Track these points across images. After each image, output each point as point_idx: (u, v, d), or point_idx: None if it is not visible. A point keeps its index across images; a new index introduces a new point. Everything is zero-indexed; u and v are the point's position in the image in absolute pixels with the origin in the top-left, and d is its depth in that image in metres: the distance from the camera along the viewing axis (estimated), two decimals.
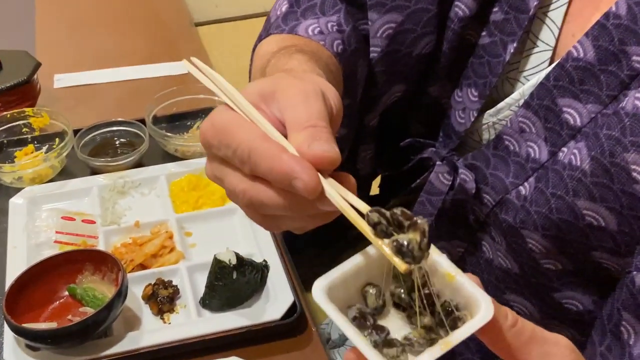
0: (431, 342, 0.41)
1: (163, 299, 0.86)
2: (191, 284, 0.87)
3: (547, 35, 0.71)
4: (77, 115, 1.18)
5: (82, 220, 0.95)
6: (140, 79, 1.33)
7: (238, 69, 2.44)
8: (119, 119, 1.12)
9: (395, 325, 0.44)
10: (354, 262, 0.43)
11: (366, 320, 0.42)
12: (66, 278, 0.85)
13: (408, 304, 0.43)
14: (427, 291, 0.42)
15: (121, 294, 0.80)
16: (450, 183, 0.77)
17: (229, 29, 2.69)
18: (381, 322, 0.43)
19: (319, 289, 0.42)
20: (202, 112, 1.18)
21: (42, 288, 0.84)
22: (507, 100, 0.72)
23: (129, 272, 0.88)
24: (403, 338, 0.42)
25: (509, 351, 0.44)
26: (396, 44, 0.78)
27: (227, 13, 2.73)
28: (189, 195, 1.02)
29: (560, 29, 0.70)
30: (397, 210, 0.42)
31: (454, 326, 0.42)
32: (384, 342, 0.41)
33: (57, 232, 0.93)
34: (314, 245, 1.07)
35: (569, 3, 0.69)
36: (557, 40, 0.70)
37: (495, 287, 0.80)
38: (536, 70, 0.71)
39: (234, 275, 0.83)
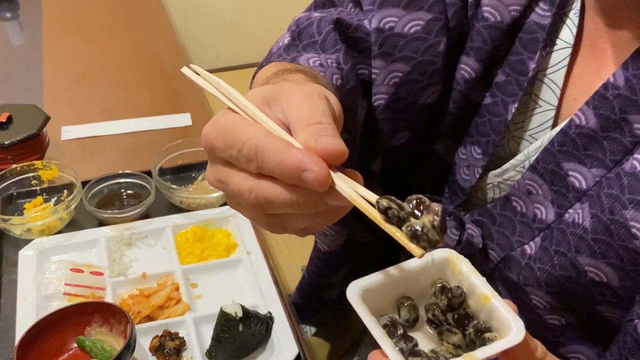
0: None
1: (170, 350, 0.87)
2: (197, 335, 0.89)
3: (549, 96, 0.74)
4: (84, 167, 1.21)
5: (91, 272, 0.98)
6: (146, 130, 1.36)
7: None
8: (126, 171, 1.15)
9: (425, 339, 0.44)
10: (391, 272, 0.44)
11: (396, 329, 0.43)
12: (75, 330, 0.87)
13: (441, 321, 0.44)
14: (462, 312, 0.43)
15: (130, 346, 0.82)
16: (457, 238, 0.80)
17: (229, 78, 2.74)
18: (411, 334, 0.44)
19: (354, 290, 0.43)
20: (207, 165, 1.20)
21: (52, 340, 0.86)
22: (512, 161, 0.75)
23: (137, 324, 0.90)
24: (430, 351, 0.42)
25: None
26: (402, 92, 0.80)
27: (227, 62, 2.80)
28: (195, 246, 1.05)
29: (562, 92, 0.73)
30: (413, 198, 0.42)
31: (482, 345, 0.43)
32: (410, 351, 0.42)
33: (66, 284, 0.95)
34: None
35: (569, 67, 0.73)
36: (561, 102, 0.74)
37: None
38: (541, 128, 0.75)
39: (240, 328, 0.85)
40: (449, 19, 0.78)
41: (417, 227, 0.41)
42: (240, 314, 0.85)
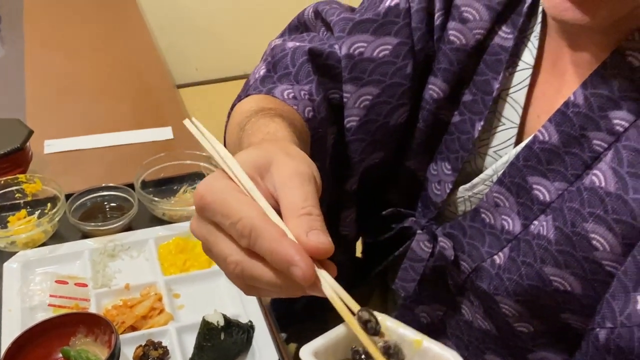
0: None
1: (154, 359, 0.90)
2: (180, 344, 0.92)
3: (512, 114, 0.78)
4: (67, 180, 1.23)
5: (75, 284, 1.00)
6: (128, 144, 1.39)
7: (218, 128, 2.52)
8: (109, 184, 1.18)
9: None
10: (338, 332, 0.47)
11: None
12: (60, 341, 0.89)
13: None
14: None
15: (114, 356, 0.84)
16: (430, 250, 0.83)
17: (208, 91, 2.79)
18: None
19: (307, 352, 0.45)
20: (189, 177, 1.23)
21: (37, 351, 0.87)
22: (482, 176, 0.79)
23: (121, 334, 0.92)
24: None
25: None
26: (373, 114, 0.84)
27: (206, 76, 2.84)
28: (177, 257, 1.07)
29: (527, 110, 0.78)
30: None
31: None
32: None
33: (50, 296, 0.97)
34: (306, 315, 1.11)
35: (531, 86, 0.77)
36: (525, 119, 0.78)
37: (476, 348, 0.85)
38: (504, 145, 0.79)
39: (222, 336, 0.88)
40: (414, 42, 0.82)
41: (391, 345, 0.44)
42: (222, 322, 0.87)
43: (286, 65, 0.83)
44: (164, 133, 1.41)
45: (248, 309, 0.97)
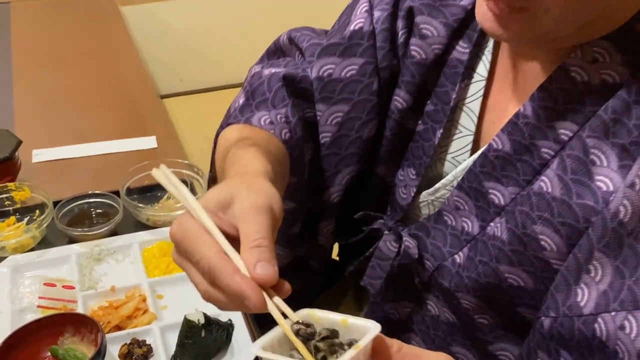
0: None
1: (138, 357, 0.94)
2: (163, 342, 0.96)
3: (468, 123, 0.84)
4: (55, 188, 1.27)
5: (63, 286, 1.04)
6: (113, 153, 1.44)
7: (203, 137, 2.57)
8: (95, 192, 1.23)
9: None
10: (280, 330, 0.55)
11: None
12: (49, 340, 0.93)
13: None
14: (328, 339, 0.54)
15: (100, 353, 0.89)
16: (396, 250, 0.89)
17: (192, 101, 2.84)
18: None
19: (258, 346, 0.54)
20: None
21: (26, 350, 0.92)
22: (443, 181, 0.85)
23: (106, 333, 0.97)
24: None
25: None
26: (345, 129, 0.91)
27: (191, 86, 2.89)
28: (160, 261, 1.12)
29: (482, 118, 0.84)
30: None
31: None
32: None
33: (39, 298, 1.02)
34: None
35: (485, 97, 0.83)
36: (481, 127, 0.84)
37: (442, 341, 0.90)
38: (462, 152, 0.85)
39: (203, 334, 0.93)
40: (379, 61, 0.88)
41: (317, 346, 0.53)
42: (202, 320, 0.93)
43: (263, 92, 0.90)
44: (148, 142, 1.46)
45: None
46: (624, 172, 0.68)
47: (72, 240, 1.16)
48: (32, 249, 1.14)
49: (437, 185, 0.86)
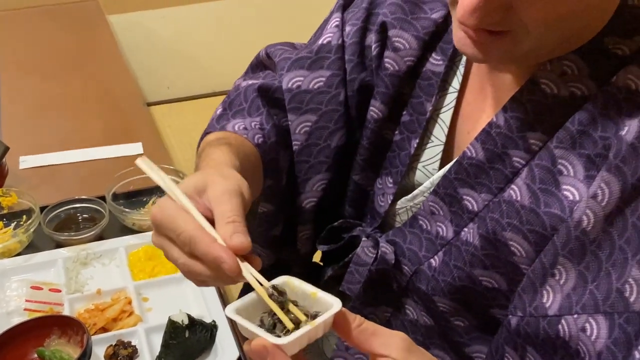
0: None
1: (123, 358, 0.97)
2: (148, 344, 0.99)
3: (439, 133, 0.87)
4: (42, 194, 1.30)
5: (49, 290, 1.06)
6: (100, 159, 1.46)
7: (189, 144, 2.58)
8: (82, 197, 1.25)
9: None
10: (253, 295, 0.62)
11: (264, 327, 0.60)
12: (35, 342, 0.95)
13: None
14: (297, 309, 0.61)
15: (86, 354, 0.91)
16: (374, 256, 0.91)
17: (179, 108, 2.87)
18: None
19: (231, 309, 0.60)
20: (157, 189, 1.31)
21: (14, 352, 0.94)
22: (421, 188, 0.88)
23: (92, 335, 0.99)
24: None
25: (358, 343, 0.61)
26: (314, 138, 0.94)
27: (178, 94, 2.91)
28: (146, 264, 1.14)
29: (456, 128, 0.86)
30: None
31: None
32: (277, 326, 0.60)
33: (26, 301, 1.04)
34: None
35: (458, 107, 0.86)
36: (454, 136, 0.87)
37: (421, 344, 0.93)
38: (431, 161, 0.88)
39: (187, 334, 0.95)
40: (347, 72, 0.92)
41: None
42: (186, 321, 0.95)
43: (240, 102, 0.95)
44: (134, 148, 1.48)
45: (212, 310, 1.04)
46: (589, 182, 0.70)
47: (59, 245, 1.18)
48: (19, 254, 1.16)
49: (415, 192, 0.88)
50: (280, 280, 0.64)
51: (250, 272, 0.62)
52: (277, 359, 0.57)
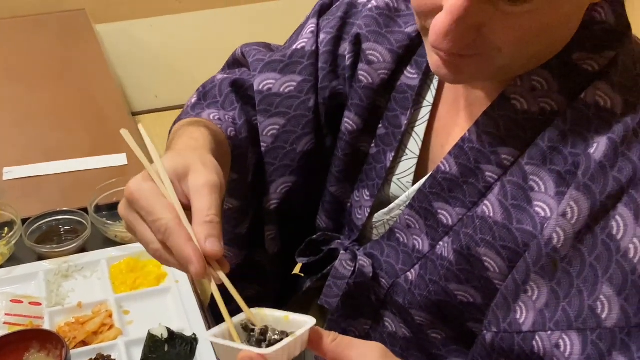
0: None
1: None
2: (128, 357, 0.98)
3: (413, 146, 0.88)
4: (25, 205, 1.29)
5: (30, 303, 1.06)
6: (84, 170, 1.45)
7: None
8: (64, 209, 1.24)
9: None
10: (233, 321, 0.64)
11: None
12: (15, 356, 0.94)
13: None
14: (269, 334, 0.63)
15: None
16: (352, 269, 0.91)
17: (167, 117, 2.86)
18: None
19: (210, 334, 0.63)
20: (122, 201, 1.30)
21: None
22: (397, 201, 0.88)
23: (72, 349, 0.99)
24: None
25: (334, 356, 0.63)
26: (281, 141, 0.95)
27: (165, 103, 2.91)
28: (128, 276, 1.14)
29: (430, 141, 0.87)
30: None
31: None
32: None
33: (6, 314, 1.03)
34: None
35: (432, 121, 0.86)
36: (428, 150, 0.87)
37: (400, 356, 0.92)
38: (406, 174, 0.88)
39: (166, 348, 0.95)
40: (319, 80, 0.92)
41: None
42: (165, 335, 0.95)
43: (214, 95, 0.96)
44: (119, 159, 1.48)
45: (193, 323, 1.04)
46: (560, 199, 0.71)
47: (40, 257, 1.18)
48: (0, 266, 1.16)
49: (392, 205, 0.89)
50: (253, 311, 0.65)
51: (216, 282, 0.64)
52: None
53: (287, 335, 0.62)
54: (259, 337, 0.63)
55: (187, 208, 0.65)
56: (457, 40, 0.65)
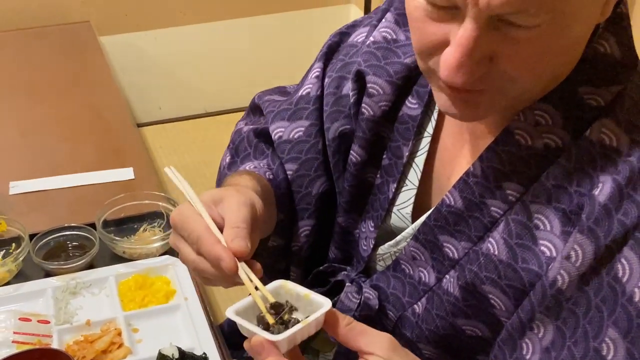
0: None
1: None
2: None
3: (413, 177, 0.87)
4: (32, 220, 1.28)
5: (38, 321, 1.05)
6: (91, 184, 1.45)
7: (181, 166, 2.58)
8: (72, 224, 1.24)
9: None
10: (250, 299, 0.70)
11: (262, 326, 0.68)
12: None
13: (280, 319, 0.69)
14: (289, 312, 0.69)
15: None
16: (358, 301, 0.91)
17: (171, 129, 2.87)
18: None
19: (231, 310, 0.68)
20: (148, 216, 1.30)
21: None
22: (404, 234, 0.87)
23: None
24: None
25: (346, 340, 0.67)
26: (296, 186, 0.96)
27: (169, 114, 2.91)
28: (136, 293, 1.13)
29: (434, 173, 0.86)
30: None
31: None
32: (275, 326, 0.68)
33: (14, 333, 1.02)
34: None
35: (434, 152, 0.86)
36: (431, 182, 0.87)
37: None
38: (405, 205, 0.88)
39: None
40: (324, 122, 0.94)
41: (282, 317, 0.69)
42: (176, 355, 0.94)
43: (245, 148, 1.02)
44: (125, 173, 1.47)
45: (202, 341, 1.03)
46: (566, 238, 0.70)
47: (48, 274, 1.17)
48: (7, 283, 1.15)
49: (398, 237, 0.88)
50: (276, 284, 0.71)
51: (247, 275, 0.70)
52: (271, 354, 0.64)
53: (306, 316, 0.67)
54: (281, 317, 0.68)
55: (223, 229, 0.73)
56: (470, 73, 0.64)
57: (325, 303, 0.67)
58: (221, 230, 0.73)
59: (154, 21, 2.75)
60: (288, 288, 0.71)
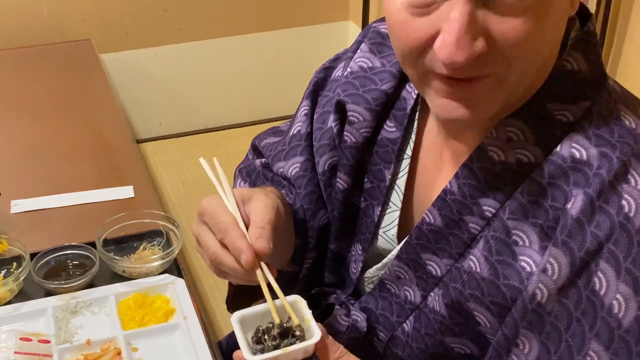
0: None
1: None
2: None
3: (395, 199, 0.89)
4: (33, 239, 1.29)
5: (39, 340, 1.06)
6: (90, 203, 1.46)
7: (181, 182, 2.60)
8: (72, 244, 1.25)
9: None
10: (260, 307, 0.76)
11: (260, 339, 0.73)
12: None
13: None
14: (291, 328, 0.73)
15: None
16: (347, 324, 0.92)
17: (171, 145, 2.89)
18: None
19: (235, 316, 0.74)
20: (148, 235, 1.31)
21: None
22: (389, 256, 0.89)
23: None
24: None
25: None
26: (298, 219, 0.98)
27: (170, 130, 2.94)
28: (136, 312, 1.14)
29: (414, 193, 0.88)
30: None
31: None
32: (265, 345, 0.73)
33: (15, 352, 1.03)
34: None
35: (414, 174, 0.88)
36: (412, 203, 0.89)
37: None
38: (390, 227, 0.90)
39: None
40: (315, 156, 0.97)
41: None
42: None
43: (262, 181, 1.05)
44: (125, 192, 1.48)
45: None
46: (544, 253, 0.71)
47: (48, 293, 1.18)
48: (8, 302, 1.16)
49: (385, 260, 0.90)
50: (292, 298, 0.76)
51: (265, 276, 0.75)
52: None
53: (298, 339, 0.72)
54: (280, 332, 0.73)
55: (248, 226, 0.78)
56: (470, 48, 0.64)
57: (316, 334, 0.71)
58: (246, 226, 0.77)
59: (154, 38, 2.78)
60: (299, 307, 0.75)
